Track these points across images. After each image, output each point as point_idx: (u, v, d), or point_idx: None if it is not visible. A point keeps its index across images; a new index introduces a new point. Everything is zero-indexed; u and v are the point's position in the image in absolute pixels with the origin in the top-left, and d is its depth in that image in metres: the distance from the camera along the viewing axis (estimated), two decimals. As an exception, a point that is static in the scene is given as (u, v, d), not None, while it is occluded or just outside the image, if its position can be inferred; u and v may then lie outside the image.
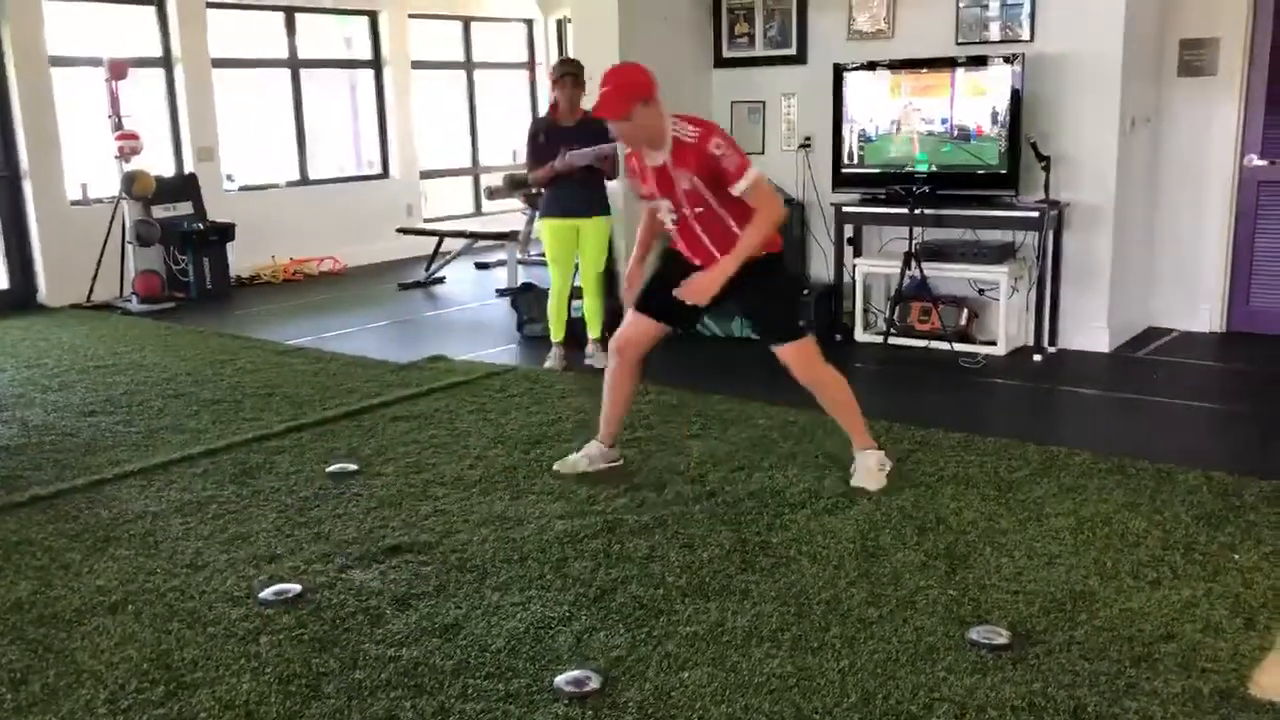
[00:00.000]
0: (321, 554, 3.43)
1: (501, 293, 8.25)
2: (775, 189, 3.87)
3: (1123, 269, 6.05)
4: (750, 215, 3.67)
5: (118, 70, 7.95)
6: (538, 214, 6.19)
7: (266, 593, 3.16)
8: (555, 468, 4.14)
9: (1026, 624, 2.87)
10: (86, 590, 3.22)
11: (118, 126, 7.95)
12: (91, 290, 8.11)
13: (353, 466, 4.22)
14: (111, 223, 8.11)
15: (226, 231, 8.55)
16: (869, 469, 3.92)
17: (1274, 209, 6.12)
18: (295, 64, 9.84)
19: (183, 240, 8.32)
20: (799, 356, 3.85)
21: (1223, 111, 6.10)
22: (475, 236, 9.23)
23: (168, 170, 8.69)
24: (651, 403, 5.01)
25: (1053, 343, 6.04)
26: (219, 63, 9.10)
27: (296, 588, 3.18)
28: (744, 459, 4.23)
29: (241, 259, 8.90)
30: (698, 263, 3.82)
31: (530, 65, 11.98)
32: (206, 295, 8.38)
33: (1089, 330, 6.02)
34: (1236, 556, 3.25)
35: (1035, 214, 5.77)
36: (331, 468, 4.22)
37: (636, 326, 4.00)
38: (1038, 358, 5.88)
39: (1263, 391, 5.27)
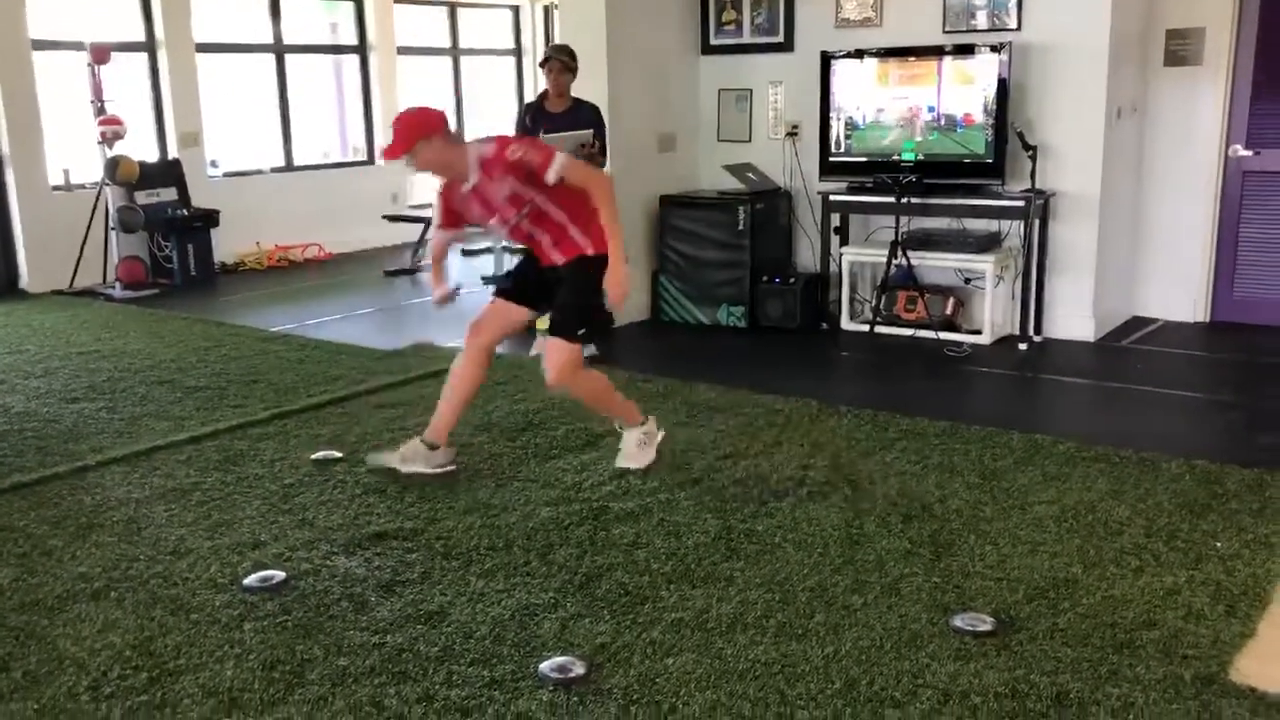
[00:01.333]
0: (306, 541, 3.42)
1: (487, 280, 8.21)
2: (590, 167, 3.95)
3: (1108, 258, 6.07)
4: (576, 202, 3.75)
5: (100, 54, 7.88)
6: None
7: (251, 579, 3.15)
8: (368, 461, 4.04)
9: (1010, 611, 2.89)
10: (69, 577, 3.20)
11: (100, 111, 7.88)
12: (74, 276, 8.05)
13: (337, 454, 4.21)
14: (94, 208, 8.05)
15: (211, 218, 8.50)
16: (629, 447, 4.03)
17: (1259, 199, 6.14)
18: (280, 49, 9.77)
19: (166, 226, 8.26)
20: (561, 357, 3.79)
21: (1208, 101, 6.11)
22: (461, 224, 9.18)
23: (151, 156, 8.62)
24: (638, 391, 5.00)
25: (1038, 332, 6.06)
26: (203, 47, 9.02)
27: (281, 574, 3.17)
28: (730, 447, 4.23)
29: (226, 245, 8.84)
30: (545, 262, 3.92)
31: (517, 52, 11.94)
32: (190, 282, 8.33)
33: (1074, 319, 6.03)
34: (1218, 544, 3.27)
35: (1021, 203, 5.78)
36: (316, 455, 4.20)
37: (496, 309, 4.01)
38: (1023, 347, 5.90)
39: (1246, 381, 5.29)
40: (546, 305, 4.01)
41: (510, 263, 8.17)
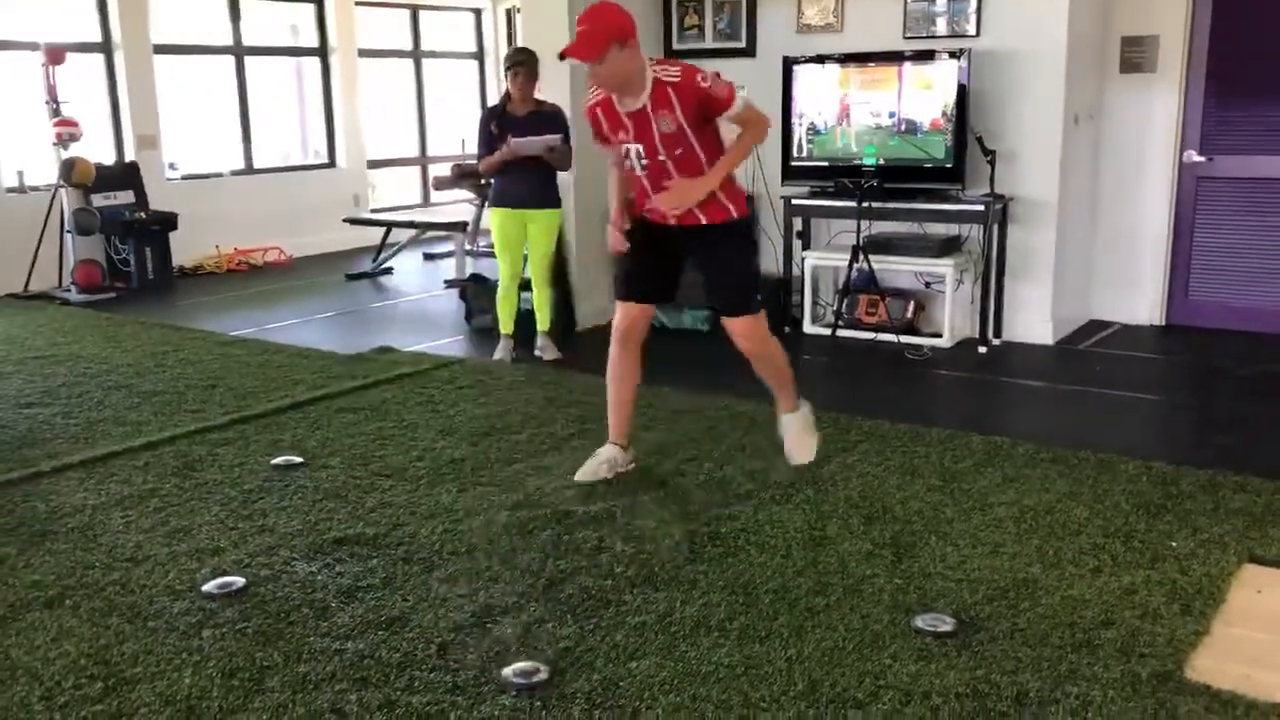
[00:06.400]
0: (266, 547, 3.39)
1: (450, 284, 8.19)
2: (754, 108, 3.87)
3: (1066, 263, 6.14)
4: (717, 158, 3.75)
5: (55, 55, 7.77)
6: (487, 202, 6.16)
7: (209, 586, 3.11)
8: (576, 478, 3.87)
9: (971, 611, 2.91)
10: (22, 585, 3.15)
11: (55, 113, 7.77)
12: (29, 280, 7.93)
13: (298, 459, 4.17)
14: (50, 211, 7.93)
15: (169, 221, 8.40)
16: (799, 435, 4.05)
17: (1212, 204, 6.24)
18: (240, 51, 9.68)
19: (124, 229, 8.16)
20: (753, 330, 3.86)
21: (1163, 108, 6.20)
22: (423, 227, 9.15)
23: (108, 158, 8.52)
24: (602, 394, 5.00)
25: (997, 335, 6.11)
26: (161, 49, 8.93)
27: (240, 581, 3.14)
28: (694, 450, 4.23)
29: (184, 249, 8.75)
30: (670, 221, 3.82)
31: (479, 55, 11.91)
32: (148, 285, 8.24)
33: (1033, 323, 6.10)
34: (1174, 544, 3.32)
35: (981, 208, 5.83)
36: (276, 460, 4.16)
37: (629, 313, 3.95)
38: (982, 350, 5.95)
39: (1200, 383, 5.37)
40: (667, 293, 3.99)
41: (471, 267, 8.18)
